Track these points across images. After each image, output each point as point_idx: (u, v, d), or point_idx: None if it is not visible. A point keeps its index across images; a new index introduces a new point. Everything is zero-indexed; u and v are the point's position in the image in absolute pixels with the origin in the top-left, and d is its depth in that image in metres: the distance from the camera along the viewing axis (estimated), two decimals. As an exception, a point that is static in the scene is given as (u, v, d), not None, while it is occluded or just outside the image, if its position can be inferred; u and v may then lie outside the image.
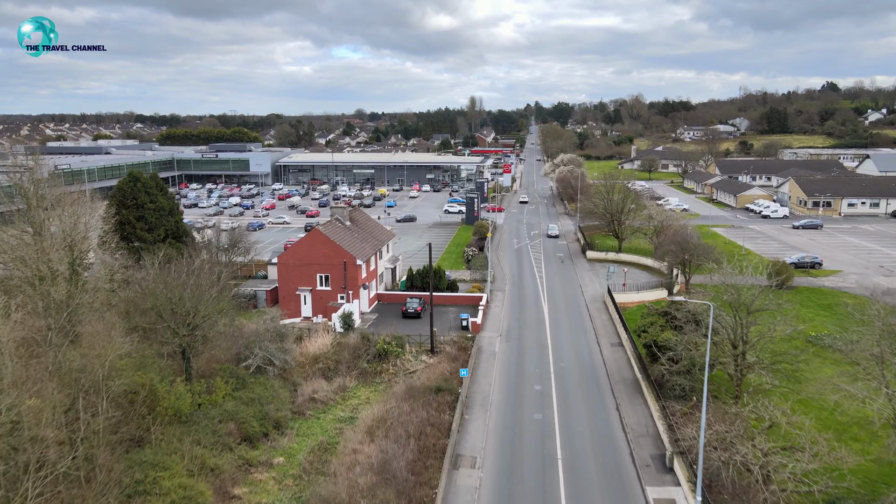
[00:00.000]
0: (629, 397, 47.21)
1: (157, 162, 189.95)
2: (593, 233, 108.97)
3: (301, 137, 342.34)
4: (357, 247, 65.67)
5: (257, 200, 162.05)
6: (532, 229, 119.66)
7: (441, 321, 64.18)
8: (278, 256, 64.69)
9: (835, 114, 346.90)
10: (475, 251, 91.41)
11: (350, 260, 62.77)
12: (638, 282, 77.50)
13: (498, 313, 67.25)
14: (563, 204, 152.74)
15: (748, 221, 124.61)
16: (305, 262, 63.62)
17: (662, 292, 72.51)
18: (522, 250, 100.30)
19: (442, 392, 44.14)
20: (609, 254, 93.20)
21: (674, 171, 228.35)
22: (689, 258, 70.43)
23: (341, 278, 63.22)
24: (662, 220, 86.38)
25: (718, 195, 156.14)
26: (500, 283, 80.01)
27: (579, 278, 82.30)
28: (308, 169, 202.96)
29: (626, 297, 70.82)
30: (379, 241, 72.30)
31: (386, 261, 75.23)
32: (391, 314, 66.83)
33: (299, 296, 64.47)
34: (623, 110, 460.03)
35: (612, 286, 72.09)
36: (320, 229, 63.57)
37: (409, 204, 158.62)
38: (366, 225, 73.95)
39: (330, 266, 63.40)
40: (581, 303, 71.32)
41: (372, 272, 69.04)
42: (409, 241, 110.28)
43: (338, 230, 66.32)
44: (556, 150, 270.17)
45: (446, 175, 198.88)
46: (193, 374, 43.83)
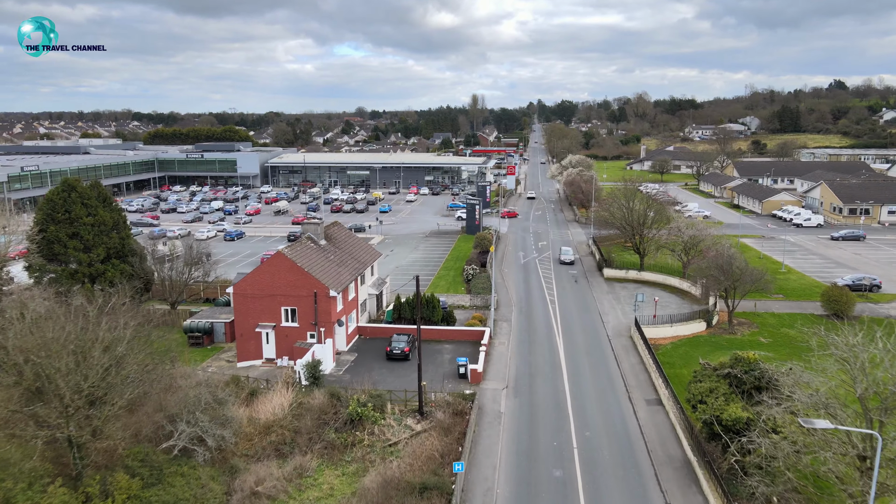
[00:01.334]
0: (681, 489, 35.21)
1: (137, 163, 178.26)
2: (608, 244, 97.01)
3: (298, 136, 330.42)
4: (332, 273, 53.72)
5: (242, 205, 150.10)
6: (539, 239, 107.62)
7: (434, 365, 52.25)
8: (234, 285, 52.86)
9: (848, 112, 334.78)
10: (476, 269, 79.46)
11: (321, 291, 50.84)
12: (668, 309, 65.50)
13: (503, 354, 55.25)
14: (571, 210, 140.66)
15: (779, 231, 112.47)
16: (267, 292, 51.70)
17: (700, 324, 60.49)
18: (530, 266, 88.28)
19: (428, 491, 32.12)
20: (629, 272, 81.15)
21: (686, 173, 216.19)
22: (734, 285, 58.41)
23: (311, 313, 51.32)
24: (694, 233, 74.31)
25: (740, 200, 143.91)
26: (505, 310, 68.04)
27: (597, 303, 70.31)
28: (299, 170, 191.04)
29: (657, 331, 58.83)
30: (361, 264, 60.35)
31: (370, 285, 63.29)
32: (373, 354, 54.92)
33: (260, 334, 52.54)
34: (628, 108, 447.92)
35: (640, 316, 60.19)
36: (286, 253, 51.63)
37: (406, 209, 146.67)
38: (345, 243, 61.99)
39: (297, 298, 51.48)
40: (602, 338, 59.31)
41: (351, 302, 57.13)
42: (402, 252, 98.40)
43: (308, 252, 54.36)
44: (562, 149, 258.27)
45: (446, 177, 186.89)
46: (88, 466, 31.91)
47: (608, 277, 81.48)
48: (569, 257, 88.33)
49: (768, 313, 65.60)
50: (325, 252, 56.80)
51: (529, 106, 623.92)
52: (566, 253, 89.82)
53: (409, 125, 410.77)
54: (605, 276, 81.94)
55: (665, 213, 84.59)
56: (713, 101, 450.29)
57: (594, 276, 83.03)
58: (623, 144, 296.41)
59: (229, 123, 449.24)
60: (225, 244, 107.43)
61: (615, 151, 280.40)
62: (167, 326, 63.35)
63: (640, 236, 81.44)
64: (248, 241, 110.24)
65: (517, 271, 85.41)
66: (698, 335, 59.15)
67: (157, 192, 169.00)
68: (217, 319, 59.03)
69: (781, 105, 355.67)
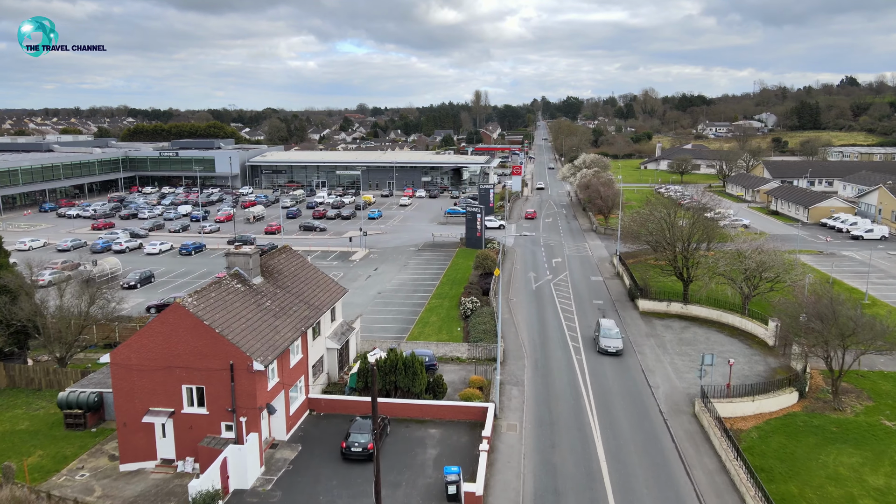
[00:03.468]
0: None
1: (104, 161, 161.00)
2: (635, 261, 79.72)
3: (292, 133, 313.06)
4: (262, 333, 36.36)
5: (215, 210, 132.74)
6: (553, 255, 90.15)
7: (411, 472, 34.90)
8: (111, 352, 35.55)
9: (868, 109, 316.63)
10: (476, 302, 61.99)
11: (241, 362, 33.55)
12: (740, 369, 48.01)
13: (514, 449, 37.85)
14: (587, 217, 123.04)
15: (837, 245, 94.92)
16: (161, 363, 34.41)
17: (790, 395, 42.96)
18: (544, 294, 70.89)
19: None
20: (672, 304, 63.69)
21: (707, 173, 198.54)
22: (843, 342, 40.92)
23: (226, 394, 34.07)
24: (761, 258, 56.73)
25: (779, 205, 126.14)
26: (514, 364, 50.66)
27: (637, 352, 52.92)
28: (285, 170, 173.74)
29: (734, 407, 41.36)
30: (313, 309, 42.93)
31: (329, 336, 45.90)
32: (326, 446, 37.62)
33: (151, 424, 35.22)
34: (635, 105, 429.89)
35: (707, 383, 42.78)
36: (188, 304, 34.25)
37: (398, 215, 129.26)
38: (295, 279, 44.57)
39: (205, 372, 34.21)
40: (654, 416, 41.88)
41: (296, 368, 39.79)
42: (388, 272, 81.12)
43: (228, 300, 36.99)
44: (570, 147, 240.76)
45: (445, 177, 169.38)
46: None
47: (644, 311, 64.06)
48: (614, 343, 52.83)
49: (876, 372, 48.14)
50: (258, 297, 39.41)
51: (533, 103, 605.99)
52: (608, 333, 53.62)
53: (409, 122, 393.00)
54: (641, 308, 64.53)
55: (717, 229, 66.94)
56: (721, 97, 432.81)
57: (626, 308, 65.61)
58: (634, 142, 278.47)
59: (226, 120, 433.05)
60: (179, 260, 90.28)
61: (626, 149, 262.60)
62: (54, 391, 46.29)
63: (686, 258, 63.92)
64: (208, 255, 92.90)
65: (528, 301, 67.98)
66: (791, 413, 41.66)
67: (122, 195, 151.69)
68: (108, 388, 41.65)
69: (800, 101, 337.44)
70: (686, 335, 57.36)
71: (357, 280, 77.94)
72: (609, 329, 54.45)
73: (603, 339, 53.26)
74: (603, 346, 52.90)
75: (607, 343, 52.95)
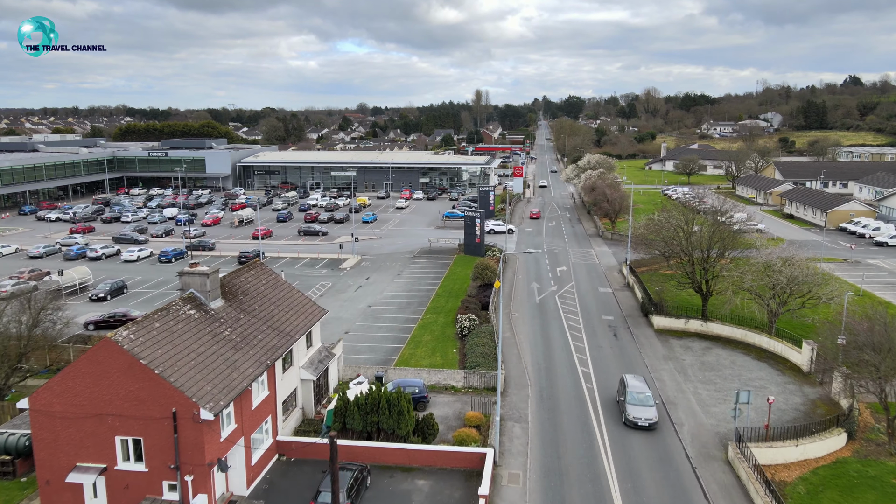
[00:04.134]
0: None
1: (90, 161, 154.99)
2: (645, 269, 74.00)
3: (290, 132, 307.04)
4: (214, 371, 30.39)
5: (203, 212, 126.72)
6: (557, 263, 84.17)
7: (393, 540, 28.95)
8: (30, 396, 29.59)
9: (875, 108, 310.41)
10: (474, 320, 55.98)
11: (185, 408, 27.60)
12: (766, 392, 42.00)
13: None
14: (592, 220, 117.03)
15: (860, 252, 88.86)
16: (90, 409, 28.50)
17: (838, 437, 36.91)
18: (548, 307, 64.91)
19: None
20: (690, 322, 57.67)
21: (714, 174, 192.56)
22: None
23: (169, 447, 28.11)
24: (791, 272, 50.65)
25: (794, 208, 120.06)
26: (517, 395, 44.67)
27: (655, 380, 46.90)
28: (278, 171, 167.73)
29: (774, 452, 35.31)
30: (284, 337, 36.92)
31: (304, 365, 39.90)
32: (297, 501, 31.68)
33: (79, 484, 29.23)
34: (638, 104, 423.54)
35: (741, 421, 36.78)
36: (122, 340, 28.30)
37: (394, 218, 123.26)
38: (262, 301, 38.57)
39: (143, 422, 28.28)
40: (681, 463, 35.82)
41: (260, 410, 33.81)
42: (380, 282, 75.21)
43: (177, 331, 31.03)
44: (573, 147, 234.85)
45: (444, 178, 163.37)
46: None
47: (659, 329, 58.05)
48: (646, 412, 39.48)
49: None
50: (216, 325, 33.43)
51: (535, 102, 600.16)
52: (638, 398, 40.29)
53: (409, 121, 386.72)
54: (656, 326, 58.52)
55: (738, 237, 60.83)
56: (724, 97, 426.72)
57: (639, 325, 59.60)
58: (638, 142, 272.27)
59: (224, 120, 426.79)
60: (157, 268, 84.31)
61: (630, 149, 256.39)
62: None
63: (705, 272, 57.87)
64: (189, 262, 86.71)
65: (531, 317, 61.98)
66: (841, 459, 35.63)
67: (108, 197, 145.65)
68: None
69: (806, 101, 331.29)
70: (708, 358, 51.35)
71: (346, 291, 72.04)
72: (639, 392, 40.55)
73: (631, 406, 39.76)
74: (631, 416, 39.26)
75: (637, 413, 39.25)
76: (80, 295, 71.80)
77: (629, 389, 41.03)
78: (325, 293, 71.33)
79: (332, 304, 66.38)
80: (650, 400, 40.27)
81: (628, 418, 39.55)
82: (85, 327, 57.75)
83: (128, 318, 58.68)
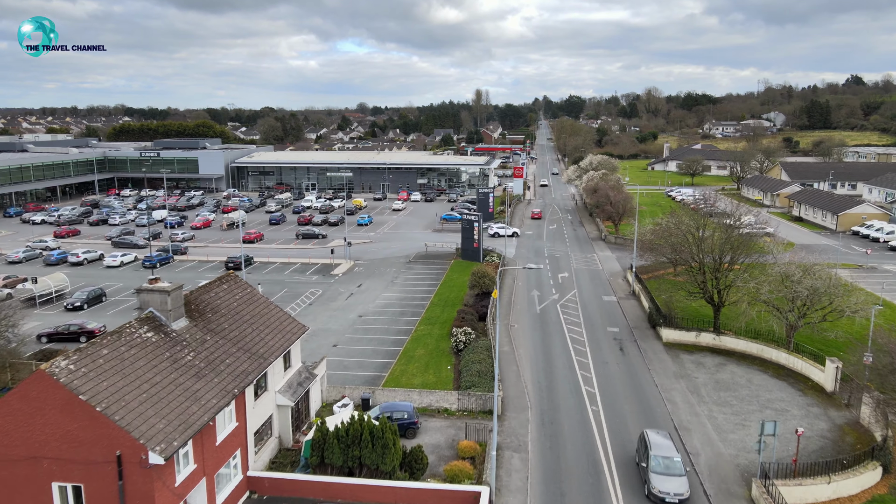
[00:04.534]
0: None
1: (80, 162, 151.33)
2: (651, 276, 70.42)
3: (288, 132, 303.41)
4: (170, 404, 26.63)
5: (193, 215, 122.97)
6: (559, 269, 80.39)
7: None
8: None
9: (879, 108, 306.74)
10: (471, 333, 52.18)
11: (131, 451, 23.84)
12: (798, 425, 38.04)
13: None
14: (594, 223, 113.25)
15: (875, 257, 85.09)
16: (22, 452, 24.77)
17: (872, 472, 33.16)
18: (549, 317, 61.15)
19: None
20: (702, 335, 53.90)
21: (718, 175, 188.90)
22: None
23: (113, 495, 24.36)
24: (813, 285, 46.86)
25: (802, 211, 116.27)
26: (516, 419, 40.88)
27: (666, 401, 43.15)
28: (273, 171, 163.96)
29: (803, 491, 31.55)
30: (256, 360, 33.15)
31: (281, 389, 36.12)
32: (263, 552, 27.94)
33: (12, 535, 25.60)
34: (639, 104, 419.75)
35: (766, 455, 33.00)
36: (59, 372, 24.55)
37: (390, 220, 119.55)
38: (234, 319, 34.79)
39: (84, 466, 24.54)
40: (698, 499, 32.09)
41: (226, 444, 30.04)
42: (373, 289, 71.50)
43: (128, 358, 27.29)
44: (574, 147, 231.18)
45: (443, 179, 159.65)
46: None
47: (669, 342, 54.29)
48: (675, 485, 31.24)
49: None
50: (177, 349, 29.67)
51: (535, 102, 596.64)
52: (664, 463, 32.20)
53: (409, 121, 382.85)
54: (664, 339, 54.75)
55: (752, 244, 57.00)
56: (725, 97, 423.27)
57: (646, 338, 55.85)
58: (640, 142, 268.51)
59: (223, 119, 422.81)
60: (141, 274, 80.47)
61: (632, 150, 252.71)
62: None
63: (717, 281, 54.11)
64: (174, 268, 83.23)
65: (532, 328, 58.22)
66: (877, 497, 31.89)
67: (97, 198, 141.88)
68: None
69: (810, 100, 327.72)
70: (722, 376, 47.59)
71: (336, 299, 68.35)
72: (664, 456, 32.38)
73: (655, 475, 31.72)
74: (657, 490, 31.15)
75: (664, 486, 31.16)
76: (56, 303, 68.13)
77: (652, 453, 32.62)
78: (314, 301, 67.64)
79: (320, 314, 62.73)
80: (679, 467, 31.97)
81: (652, 492, 31.34)
82: (38, 340, 53.90)
83: (83, 331, 54.55)
